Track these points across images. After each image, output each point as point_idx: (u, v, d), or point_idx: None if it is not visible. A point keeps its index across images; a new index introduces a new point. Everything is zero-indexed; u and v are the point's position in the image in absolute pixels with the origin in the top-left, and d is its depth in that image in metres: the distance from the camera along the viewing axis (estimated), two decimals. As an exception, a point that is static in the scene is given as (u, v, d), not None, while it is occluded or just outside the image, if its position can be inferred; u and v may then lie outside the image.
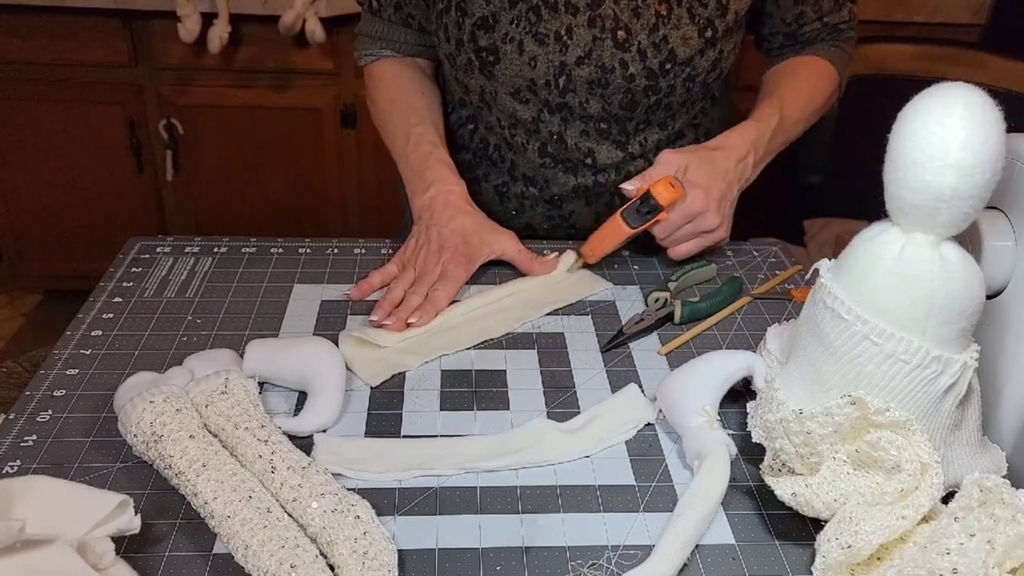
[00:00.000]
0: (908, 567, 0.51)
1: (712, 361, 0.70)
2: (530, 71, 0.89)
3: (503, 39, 0.88)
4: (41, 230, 2.18)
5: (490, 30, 0.88)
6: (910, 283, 0.55)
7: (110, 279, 0.86)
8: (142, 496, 0.60)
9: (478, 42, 0.88)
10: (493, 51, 0.88)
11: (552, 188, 0.98)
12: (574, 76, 0.89)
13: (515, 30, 0.87)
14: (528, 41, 0.87)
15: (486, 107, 0.96)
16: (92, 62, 1.97)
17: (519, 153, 0.97)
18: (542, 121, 0.93)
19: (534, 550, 0.57)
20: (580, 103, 0.91)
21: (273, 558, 0.52)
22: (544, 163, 0.96)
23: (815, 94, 1.00)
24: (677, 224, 0.86)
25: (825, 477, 0.58)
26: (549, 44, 0.87)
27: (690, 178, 0.86)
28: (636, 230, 0.85)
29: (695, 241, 0.88)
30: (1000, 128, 0.53)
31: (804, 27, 1.00)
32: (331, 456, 0.63)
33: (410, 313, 0.79)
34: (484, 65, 0.89)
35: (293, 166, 2.14)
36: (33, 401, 0.68)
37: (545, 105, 0.92)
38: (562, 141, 0.94)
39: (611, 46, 0.87)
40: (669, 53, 0.88)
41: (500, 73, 0.89)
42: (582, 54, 0.88)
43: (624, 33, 0.87)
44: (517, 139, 0.96)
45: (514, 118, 0.94)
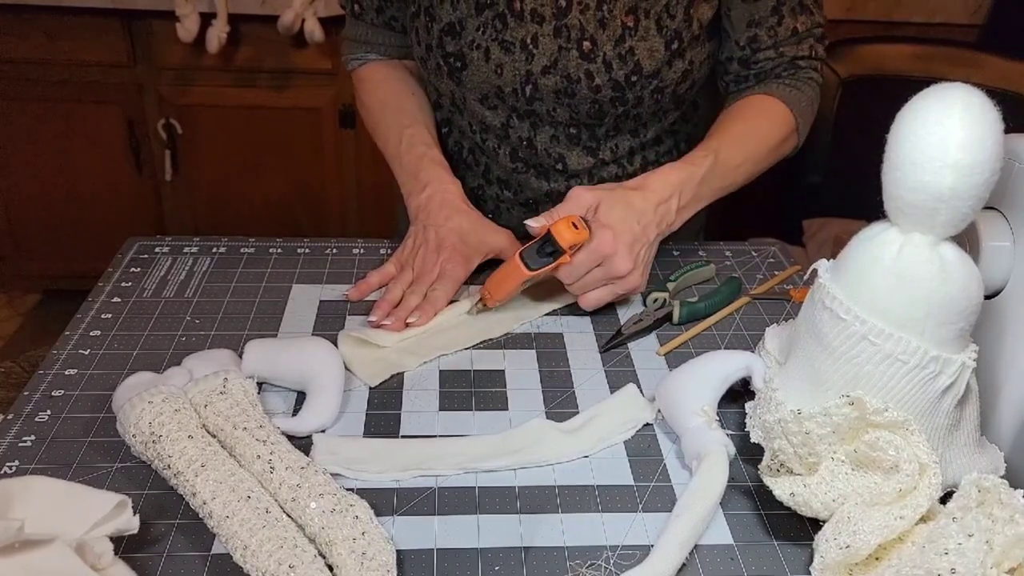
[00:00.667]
0: (906, 567, 0.51)
1: (711, 361, 0.70)
2: (496, 78, 0.88)
3: (469, 46, 0.87)
4: (39, 230, 2.18)
5: (457, 36, 0.87)
6: (908, 283, 0.55)
7: (109, 279, 0.86)
8: (141, 496, 0.60)
9: (445, 48, 0.88)
10: (460, 57, 0.88)
11: (526, 192, 0.98)
12: (540, 85, 0.88)
13: (481, 37, 0.87)
14: (494, 48, 0.87)
15: (457, 111, 0.96)
16: (91, 62, 1.97)
17: (491, 157, 0.97)
18: (511, 127, 0.93)
19: (533, 550, 0.57)
20: (548, 111, 0.90)
21: (272, 558, 0.52)
22: (516, 167, 0.96)
23: (762, 137, 0.91)
24: (584, 268, 0.77)
25: (823, 477, 0.58)
26: (515, 52, 0.87)
27: (600, 218, 0.78)
28: (535, 272, 0.77)
29: (606, 288, 0.79)
30: (998, 128, 0.53)
31: (758, 54, 0.91)
32: (330, 456, 0.63)
33: (409, 313, 0.79)
34: (452, 71, 0.89)
35: (292, 166, 2.14)
36: (32, 401, 0.68)
37: (513, 111, 0.91)
38: (532, 147, 0.94)
39: (576, 56, 0.86)
40: (635, 65, 0.86)
41: (468, 79, 0.89)
42: (548, 64, 0.87)
43: (589, 44, 0.85)
44: (488, 143, 0.96)
45: (484, 123, 0.94)
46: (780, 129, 0.92)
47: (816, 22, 0.91)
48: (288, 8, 1.85)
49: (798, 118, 0.93)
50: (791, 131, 0.93)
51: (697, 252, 0.96)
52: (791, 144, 0.95)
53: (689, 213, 0.85)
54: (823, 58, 0.95)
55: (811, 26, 0.91)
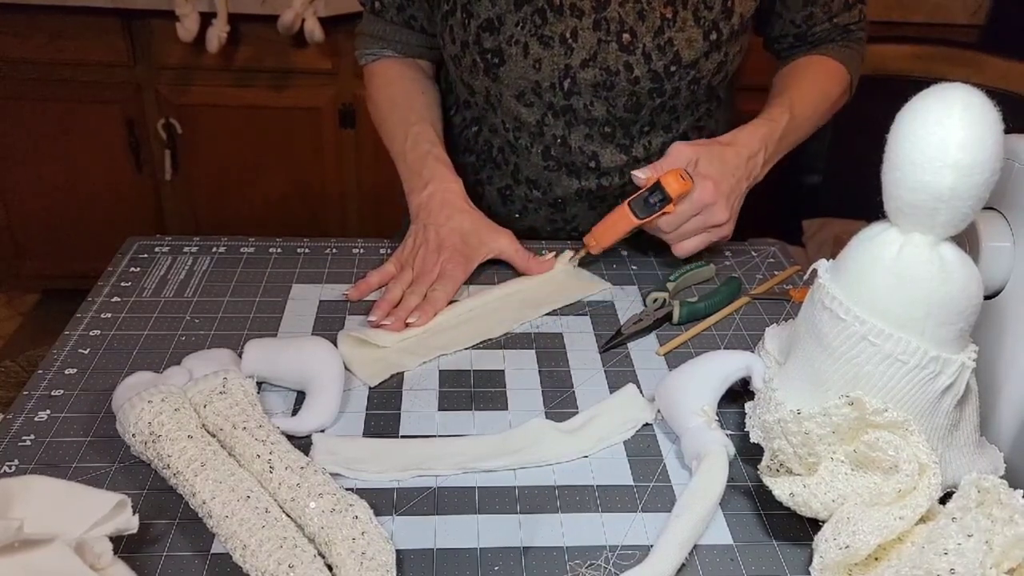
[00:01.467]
0: (906, 567, 0.51)
1: (710, 361, 0.70)
2: (535, 73, 0.89)
3: (508, 41, 0.88)
4: (39, 229, 2.18)
5: (495, 32, 0.88)
6: (908, 283, 0.55)
7: (108, 279, 0.86)
8: (140, 496, 0.60)
9: (483, 44, 0.89)
10: (498, 53, 0.88)
11: (555, 191, 0.98)
12: (579, 79, 0.89)
13: (520, 32, 0.87)
14: (533, 44, 0.87)
15: (491, 109, 0.95)
16: (91, 61, 1.97)
17: (523, 156, 0.97)
18: (546, 124, 0.93)
19: (532, 550, 0.57)
20: (584, 106, 0.91)
21: (271, 558, 0.52)
22: (548, 166, 0.96)
23: (825, 94, 0.99)
24: (685, 216, 0.84)
25: (823, 477, 0.58)
26: (554, 47, 0.87)
27: (700, 171, 0.84)
28: (643, 221, 0.84)
29: (702, 236, 0.87)
30: (999, 129, 0.53)
31: (814, 28, 0.99)
32: (329, 456, 0.63)
33: (409, 313, 0.79)
34: (489, 67, 0.90)
35: (292, 166, 2.14)
36: (31, 401, 0.68)
37: (549, 108, 0.92)
38: (566, 144, 0.94)
39: (616, 49, 0.87)
40: (674, 56, 0.88)
41: (505, 75, 0.90)
42: (587, 57, 0.88)
43: (629, 36, 0.87)
44: (521, 142, 0.96)
45: (518, 121, 0.94)
46: (839, 85, 1.01)
47: None
48: (288, 8, 1.85)
49: (852, 74, 1.02)
50: (847, 86, 1.02)
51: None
52: (845, 98, 1.04)
53: (770, 166, 0.93)
54: (866, 19, 1.03)
55: None
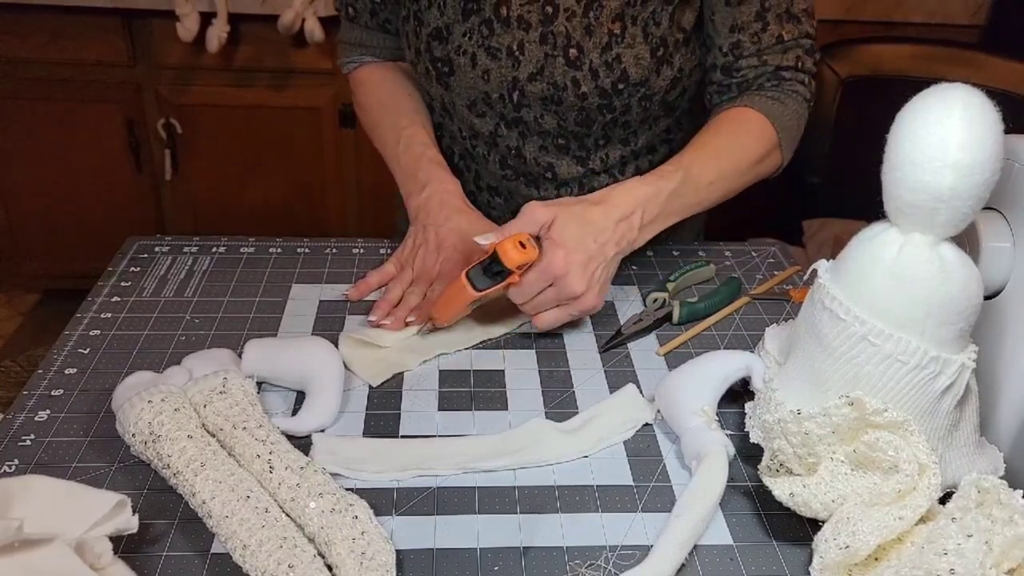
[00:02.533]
0: (906, 568, 0.51)
1: (710, 361, 0.70)
2: (483, 84, 0.88)
3: (456, 51, 0.87)
4: (39, 229, 2.18)
5: (444, 41, 0.87)
6: (908, 283, 0.55)
7: (108, 278, 0.86)
8: (140, 496, 0.60)
9: (433, 52, 0.88)
10: (447, 62, 0.88)
11: (516, 199, 0.97)
12: (527, 92, 0.87)
13: (468, 43, 0.86)
14: (481, 54, 0.86)
15: (447, 116, 0.96)
16: (91, 61, 1.97)
17: (481, 164, 0.97)
18: (499, 135, 0.92)
19: (532, 550, 0.57)
20: (535, 118, 0.89)
21: (271, 558, 0.52)
22: (506, 175, 0.96)
23: (741, 153, 0.86)
24: (535, 288, 0.74)
25: (823, 477, 0.58)
26: (501, 59, 0.86)
27: (553, 235, 0.74)
28: (482, 293, 0.73)
29: (560, 309, 0.76)
30: (999, 129, 0.53)
31: (740, 61, 0.87)
32: (329, 456, 0.63)
33: (409, 312, 0.79)
34: (440, 75, 0.89)
35: (292, 166, 2.14)
36: (31, 400, 0.68)
37: (501, 119, 0.91)
38: (520, 155, 0.93)
39: (563, 64, 0.85)
40: (622, 73, 0.84)
41: (455, 84, 0.89)
42: (534, 70, 0.86)
43: (576, 51, 0.84)
44: (478, 150, 0.96)
45: (473, 130, 0.94)
46: (760, 145, 0.87)
47: (804, 31, 0.88)
48: (288, 8, 1.85)
49: (780, 133, 0.88)
50: (773, 147, 0.88)
51: (697, 252, 0.96)
52: (774, 161, 0.90)
53: (655, 230, 0.81)
54: (811, 71, 0.90)
55: (798, 35, 0.87)
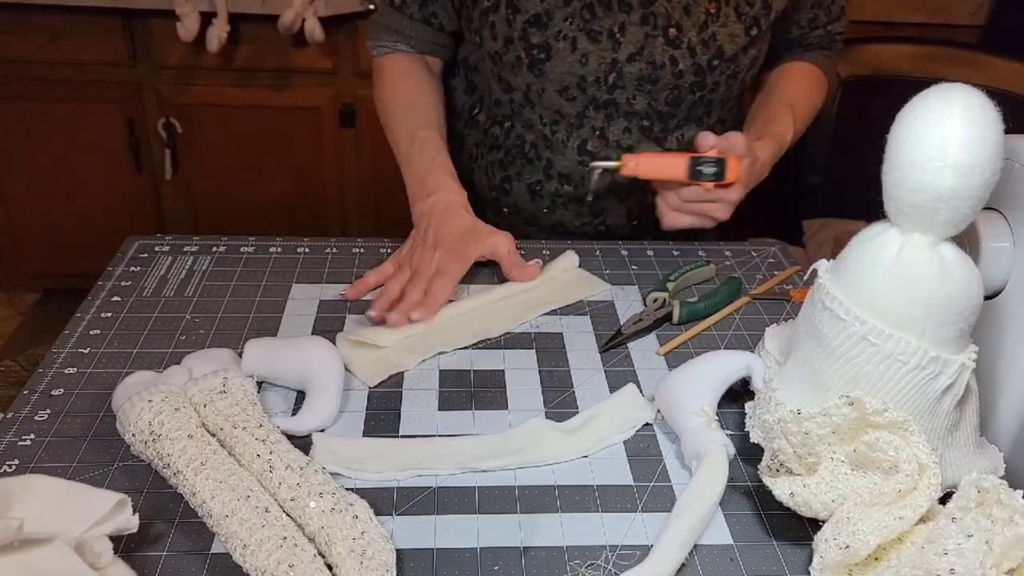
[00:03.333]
0: (905, 567, 0.51)
1: (710, 361, 0.70)
2: (581, 68, 0.90)
3: (556, 36, 0.89)
4: (39, 229, 2.18)
5: (543, 27, 0.89)
6: (908, 283, 0.55)
7: (108, 278, 0.86)
8: (140, 495, 0.60)
9: (529, 39, 0.90)
10: (545, 48, 0.90)
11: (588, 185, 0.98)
12: (624, 73, 0.91)
13: (568, 27, 0.89)
14: (581, 38, 0.89)
15: (528, 105, 0.96)
16: (91, 61, 1.97)
17: (557, 150, 0.98)
18: (587, 117, 0.95)
19: (532, 550, 0.57)
20: (627, 99, 0.93)
21: (271, 557, 0.52)
22: (583, 160, 0.97)
23: (815, 107, 1.06)
24: (705, 198, 0.87)
25: (823, 477, 0.58)
26: (602, 41, 0.89)
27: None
28: (690, 183, 0.85)
29: (695, 219, 0.89)
30: (999, 129, 0.53)
31: (813, 32, 1.04)
32: (329, 455, 0.63)
33: (412, 307, 0.79)
34: (534, 63, 0.91)
35: (292, 165, 2.14)
36: (31, 400, 0.68)
37: (592, 102, 0.93)
38: (604, 137, 0.96)
39: (662, 43, 0.90)
40: (717, 50, 0.91)
41: (550, 71, 0.91)
42: (634, 51, 0.90)
43: (675, 30, 0.90)
44: (558, 136, 0.97)
45: (559, 114, 0.95)
46: (823, 95, 1.09)
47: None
48: (288, 7, 1.85)
49: (831, 82, 1.10)
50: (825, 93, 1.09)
51: (697, 252, 0.96)
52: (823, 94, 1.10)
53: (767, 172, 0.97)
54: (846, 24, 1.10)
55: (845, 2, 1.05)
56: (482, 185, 1.05)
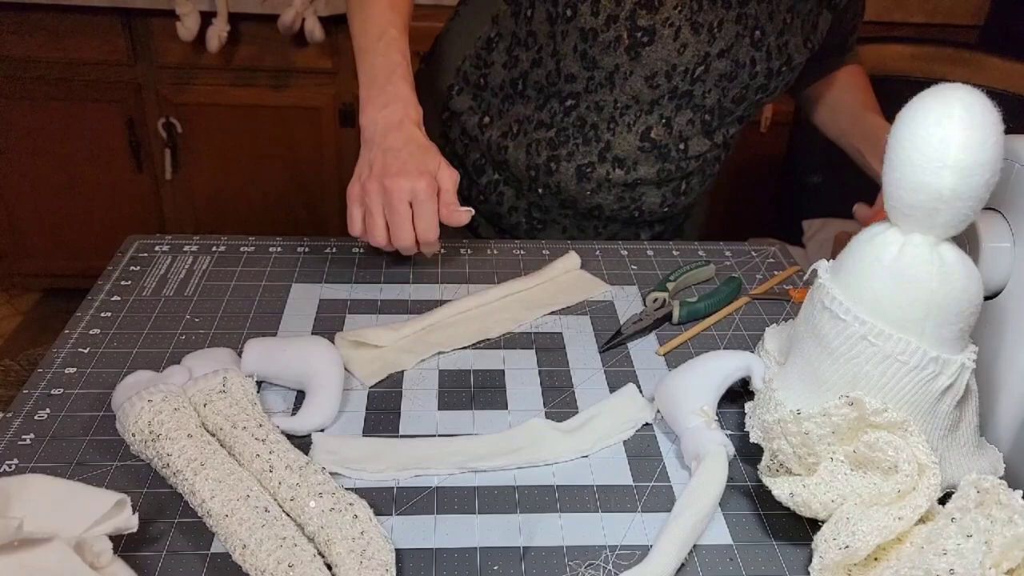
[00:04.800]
0: (905, 568, 0.51)
1: (710, 361, 0.70)
2: (676, 57, 0.91)
3: (663, 23, 0.89)
4: (39, 228, 2.18)
5: (654, 11, 0.89)
6: (908, 284, 0.55)
7: (108, 278, 0.86)
8: (140, 495, 0.60)
9: (637, 20, 0.89)
10: (650, 32, 0.89)
11: (639, 171, 0.99)
12: (712, 67, 0.92)
13: (677, 15, 0.89)
14: (685, 28, 0.90)
15: (605, 87, 0.95)
16: (91, 60, 1.97)
17: (620, 136, 0.97)
18: (659, 105, 0.95)
19: (532, 550, 0.57)
20: (703, 93, 0.95)
21: (271, 557, 0.52)
22: (642, 147, 0.97)
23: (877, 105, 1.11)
24: None
25: (823, 478, 0.58)
26: (701, 34, 0.90)
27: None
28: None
29: None
30: (999, 129, 0.53)
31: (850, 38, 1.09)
32: (329, 455, 0.63)
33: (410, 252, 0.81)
34: (634, 44, 0.90)
35: (292, 165, 2.14)
36: (31, 399, 0.68)
37: (672, 92, 0.94)
38: (669, 127, 0.97)
39: (748, 43, 0.92)
40: (787, 58, 0.95)
41: (647, 55, 0.91)
42: (724, 47, 0.92)
43: (760, 33, 0.92)
44: (625, 119, 0.96)
45: (636, 99, 0.95)
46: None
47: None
48: (288, 7, 1.85)
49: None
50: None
51: (697, 252, 0.96)
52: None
53: None
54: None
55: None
56: (518, 163, 1.01)
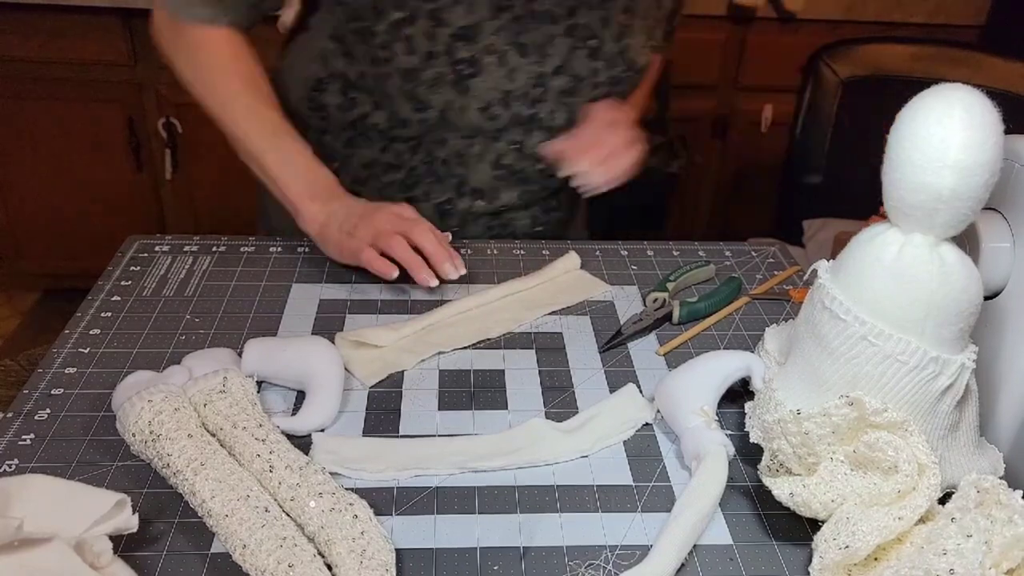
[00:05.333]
0: (905, 568, 0.51)
1: (710, 361, 0.70)
2: (508, 83, 0.86)
3: (485, 50, 0.84)
4: (39, 228, 2.18)
5: (471, 41, 0.83)
6: (908, 284, 0.55)
7: (108, 278, 0.86)
8: (140, 495, 0.60)
9: (456, 54, 0.83)
10: (473, 63, 0.84)
11: (502, 199, 0.96)
12: (549, 86, 0.88)
13: (498, 41, 0.84)
14: (511, 52, 0.85)
15: (444, 123, 0.89)
16: (91, 60, 1.97)
17: (472, 167, 0.93)
18: (505, 132, 0.91)
19: (532, 550, 0.57)
20: (549, 112, 0.90)
21: (271, 557, 0.52)
22: (498, 175, 0.94)
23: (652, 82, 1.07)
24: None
25: (823, 478, 0.58)
26: (530, 55, 0.85)
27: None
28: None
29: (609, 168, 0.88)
30: (999, 129, 0.54)
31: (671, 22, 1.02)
32: (329, 455, 0.63)
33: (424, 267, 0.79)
34: (460, 79, 0.85)
35: (292, 165, 2.14)
36: (31, 400, 0.68)
37: (513, 118, 0.90)
38: (520, 152, 0.93)
39: (584, 55, 0.87)
40: (630, 62, 0.90)
41: (476, 86, 0.85)
42: (559, 64, 0.87)
43: (596, 42, 0.87)
44: (473, 151, 0.92)
45: (479, 131, 0.90)
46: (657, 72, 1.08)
47: None
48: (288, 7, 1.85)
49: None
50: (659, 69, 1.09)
51: (697, 252, 0.96)
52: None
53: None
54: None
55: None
56: None
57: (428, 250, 0.80)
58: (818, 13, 2.12)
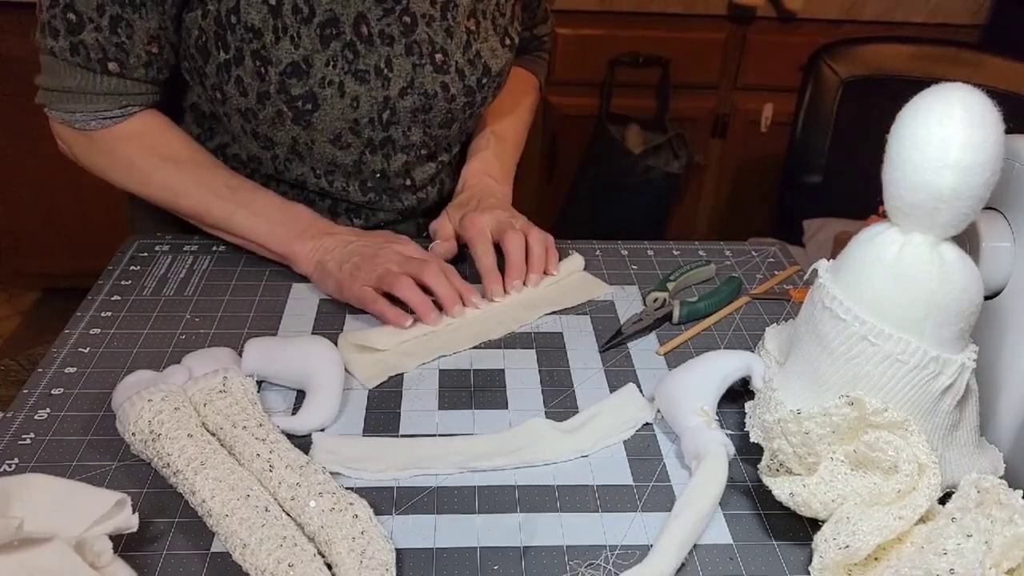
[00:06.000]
0: (905, 567, 0.51)
1: (710, 361, 0.70)
2: (352, 112, 0.83)
3: (320, 84, 0.81)
4: (39, 228, 2.18)
5: (304, 76, 0.80)
6: (909, 283, 0.55)
7: (108, 277, 0.86)
8: (140, 494, 0.60)
9: (290, 91, 0.80)
10: (310, 98, 0.81)
11: (378, 216, 0.96)
12: (398, 108, 0.86)
13: (333, 72, 0.81)
14: (349, 81, 0.82)
15: (296, 158, 0.88)
16: (91, 60, 1.97)
17: (339, 195, 0.93)
18: (363, 162, 0.90)
19: (532, 550, 0.57)
20: (403, 133, 0.89)
21: (271, 556, 0.52)
22: (368, 199, 0.93)
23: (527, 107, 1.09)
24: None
25: (823, 477, 0.58)
26: (370, 80, 0.83)
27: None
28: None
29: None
30: (999, 129, 0.53)
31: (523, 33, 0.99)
32: (329, 455, 0.63)
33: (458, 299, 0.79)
34: (299, 115, 0.82)
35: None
36: (31, 399, 0.68)
37: (367, 145, 0.88)
38: (384, 176, 0.92)
39: (431, 71, 0.86)
40: (484, 68, 0.89)
41: (319, 120, 0.83)
42: (405, 84, 0.85)
43: (441, 56, 0.85)
44: (336, 183, 0.91)
45: (333, 164, 0.89)
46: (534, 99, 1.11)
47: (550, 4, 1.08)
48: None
49: (541, 81, 1.13)
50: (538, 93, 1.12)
51: (697, 252, 0.96)
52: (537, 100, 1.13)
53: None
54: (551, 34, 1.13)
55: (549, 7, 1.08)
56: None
57: (439, 293, 0.79)
58: (818, 13, 2.12)
